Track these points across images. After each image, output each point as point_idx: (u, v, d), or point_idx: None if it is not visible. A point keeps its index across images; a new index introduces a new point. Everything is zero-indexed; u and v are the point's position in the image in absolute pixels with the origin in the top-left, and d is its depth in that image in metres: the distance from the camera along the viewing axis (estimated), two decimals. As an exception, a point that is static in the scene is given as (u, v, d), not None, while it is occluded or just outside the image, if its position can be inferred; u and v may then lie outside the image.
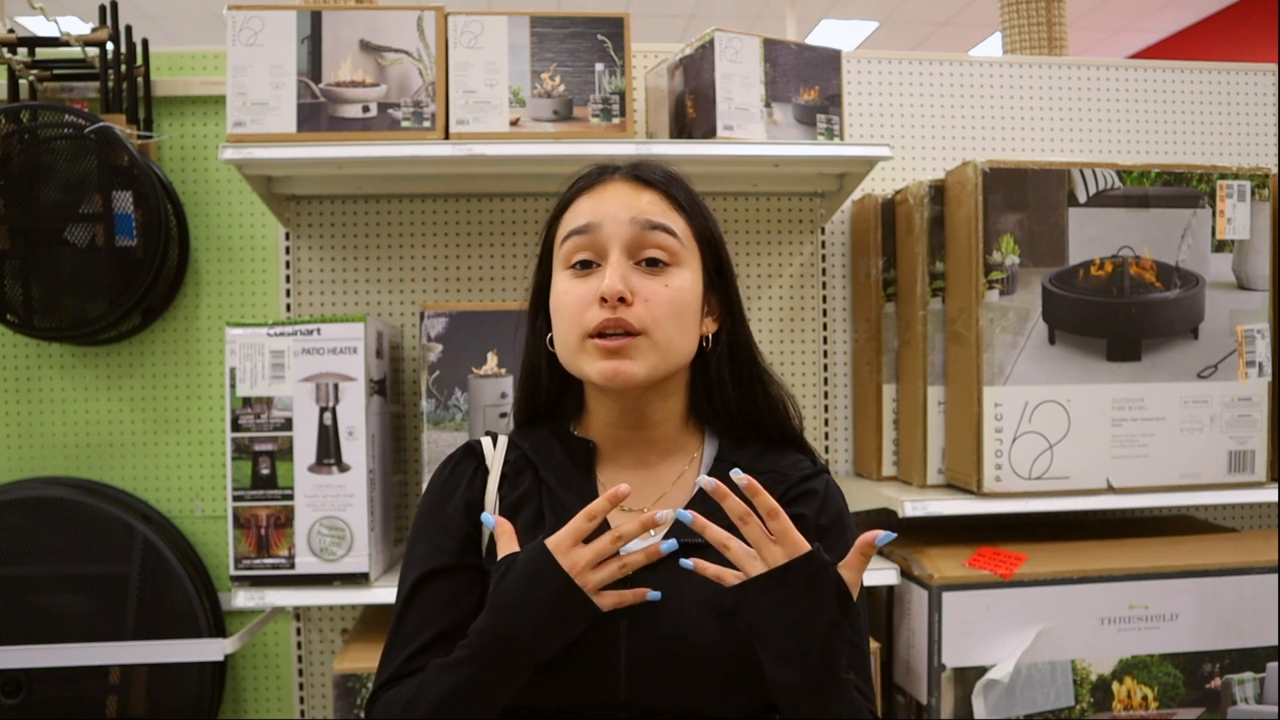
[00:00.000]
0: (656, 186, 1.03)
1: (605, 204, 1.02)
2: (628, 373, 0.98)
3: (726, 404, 1.07)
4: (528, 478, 1.06)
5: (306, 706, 2.03)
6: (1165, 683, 1.75)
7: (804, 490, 1.06)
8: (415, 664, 0.99)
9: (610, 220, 1.00)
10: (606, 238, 1.00)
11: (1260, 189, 1.84)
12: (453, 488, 1.07)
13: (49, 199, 1.82)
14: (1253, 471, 1.84)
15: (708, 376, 1.07)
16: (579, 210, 1.03)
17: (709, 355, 1.06)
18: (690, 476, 1.07)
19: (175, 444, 2.01)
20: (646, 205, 1.01)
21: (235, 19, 1.71)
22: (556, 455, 1.07)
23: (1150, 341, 1.79)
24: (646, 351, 0.98)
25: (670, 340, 1.00)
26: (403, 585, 1.04)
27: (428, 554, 1.03)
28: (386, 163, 1.76)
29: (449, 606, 1.01)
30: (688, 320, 1.02)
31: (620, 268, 0.98)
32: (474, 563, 1.03)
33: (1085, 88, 2.23)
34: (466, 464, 1.08)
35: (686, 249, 1.02)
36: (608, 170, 1.06)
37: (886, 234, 1.98)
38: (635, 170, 1.05)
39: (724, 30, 1.76)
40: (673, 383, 1.05)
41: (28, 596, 1.83)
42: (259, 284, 2.03)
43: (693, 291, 1.02)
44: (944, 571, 1.71)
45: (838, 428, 2.14)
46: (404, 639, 1.01)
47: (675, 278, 1.00)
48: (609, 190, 1.03)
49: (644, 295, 0.98)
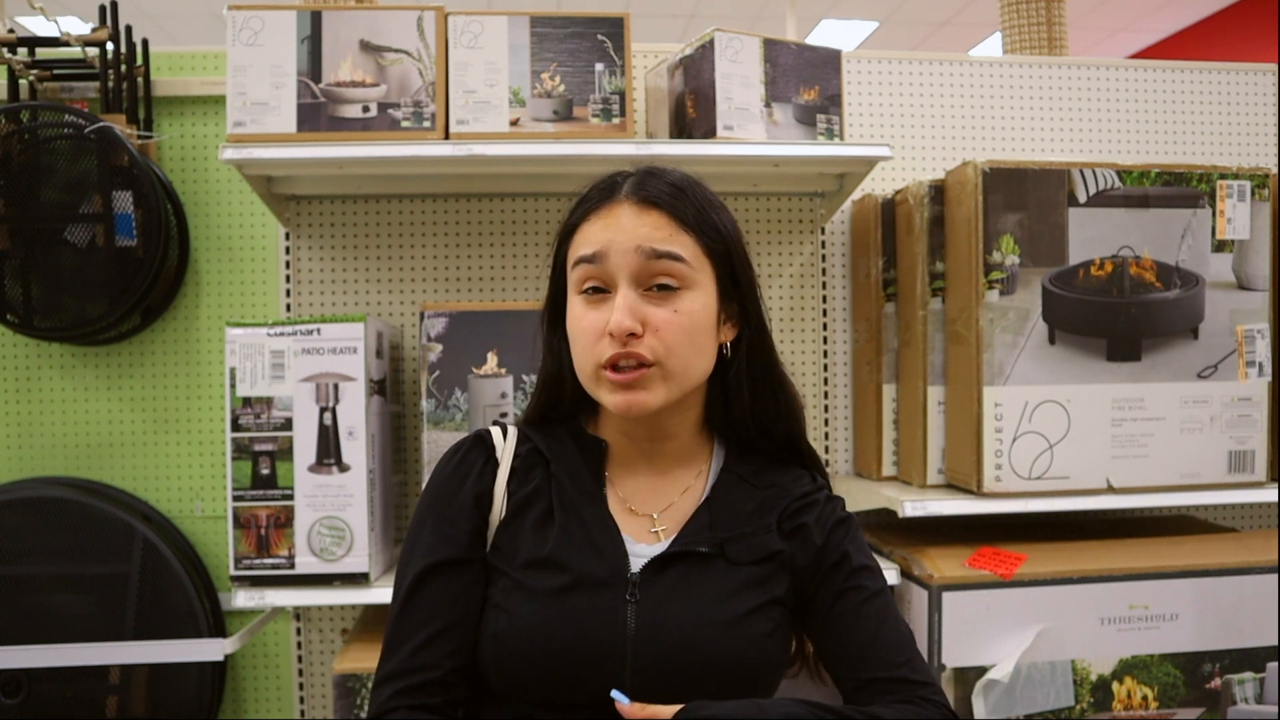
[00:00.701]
0: (663, 206, 1.01)
1: (611, 230, 1.00)
2: (641, 403, 0.99)
3: (741, 410, 1.08)
4: (538, 473, 1.06)
5: (306, 706, 2.03)
6: (1165, 683, 1.75)
7: (805, 503, 1.07)
8: (420, 659, 0.98)
9: (617, 251, 0.99)
10: (614, 269, 0.99)
11: (1260, 189, 1.84)
12: (461, 478, 1.06)
13: (49, 199, 1.82)
14: (1253, 471, 1.84)
15: (726, 384, 1.07)
16: (587, 236, 1.02)
17: (729, 363, 1.06)
18: (698, 487, 1.08)
19: (175, 444, 2.01)
20: (652, 231, 0.99)
21: (235, 19, 1.71)
22: (569, 452, 1.07)
23: (1150, 341, 1.79)
24: (660, 381, 0.99)
25: (685, 366, 1.00)
26: (405, 574, 1.03)
27: (434, 545, 1.03)
28: (386, 163, 1.76)
29: (455, 601, 1.01)
30: (702, 341, 1.01)
31: (628, 300, 0.98)
32: (480, 557, 1.03)
33: (1085, 88, 2.23)
34: (476, 454, 1.08)
35: (696, 269, 1.01)
36: (617, 185, 1.03)
37: (886, 234, 1.98)
38: (641, 189, 1.02)
39: (724, 30, 1.76)
40: (690, 397, 1.05)
41: (28, 596, 1.83)
42: (259, 284, 2.03)
43: (705, 311, 1.01)
44: (944, 571, 1.71)
45: (838, 428, 2.14)
46: (409, 630, 1.00)
47: (686, 301, 1.00)
48: (615, 215, 1.01)
49: (654, 325, 0.98)
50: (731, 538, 1.02)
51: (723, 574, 1.00)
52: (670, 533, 1.03)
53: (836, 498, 1.11)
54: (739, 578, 1.01)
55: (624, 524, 1.04)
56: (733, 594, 1.00)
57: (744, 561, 1.02)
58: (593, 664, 0.95)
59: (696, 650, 0.96)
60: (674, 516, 1.05)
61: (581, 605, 0.97)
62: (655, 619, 0.97)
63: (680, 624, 0.97)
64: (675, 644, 0.96)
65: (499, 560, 1.02)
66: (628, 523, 1.04)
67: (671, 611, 0.97)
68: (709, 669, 0.96)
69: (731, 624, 0.98)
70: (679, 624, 0.97)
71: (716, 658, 0.96)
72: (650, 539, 1.03)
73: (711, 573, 1.00)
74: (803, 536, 1.05)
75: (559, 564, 0.99)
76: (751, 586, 1.01)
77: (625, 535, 1.02)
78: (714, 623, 0.97)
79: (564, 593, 0.98)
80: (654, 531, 1.04)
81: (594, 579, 0.98)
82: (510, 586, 1.00)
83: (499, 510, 1.04)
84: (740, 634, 0.98)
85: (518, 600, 0.99)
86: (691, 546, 1.01)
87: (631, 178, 1.04)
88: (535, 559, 1.00)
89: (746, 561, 1.02)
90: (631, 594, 0.98)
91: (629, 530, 1.03)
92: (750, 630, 0.99)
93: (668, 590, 0.98)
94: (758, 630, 0.99)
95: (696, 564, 1.00)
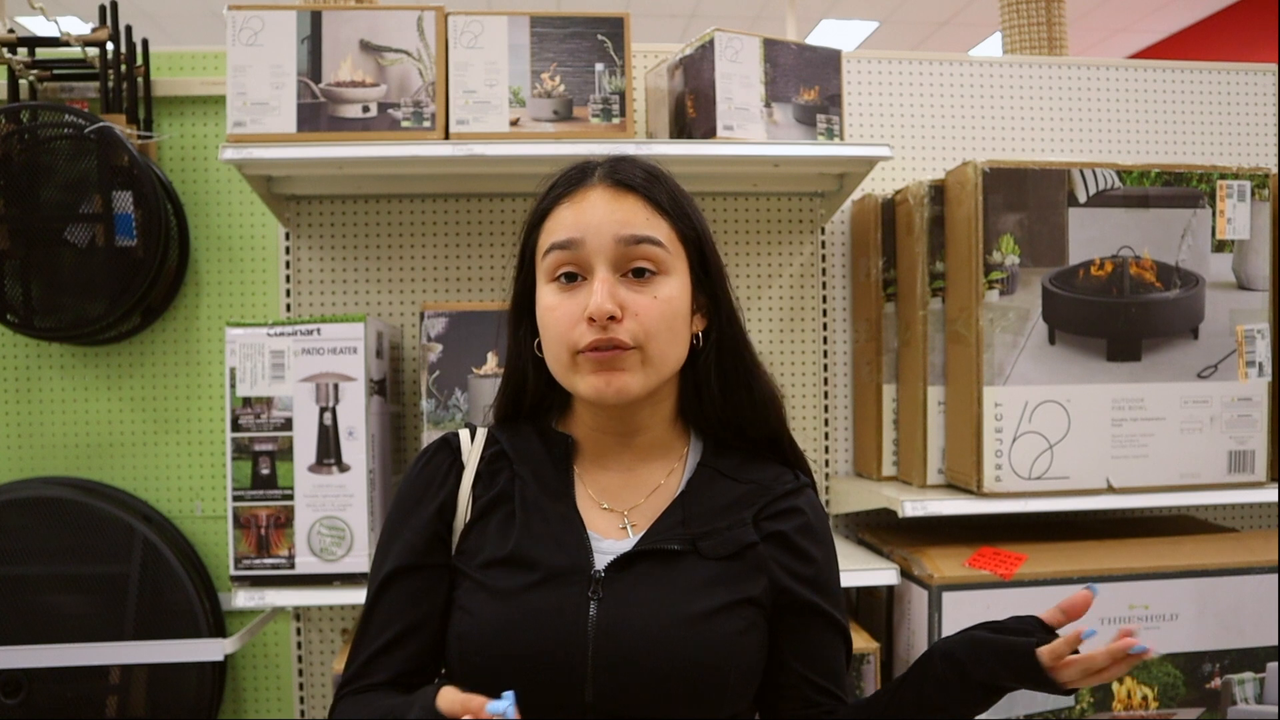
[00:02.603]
0: (638, 190, 1.00)
1: (587, 214, 0.98)
2: (622, 385, 0.96)
3: (712, 402, 1.05)
4: (504, 475, 1.05)
5: (306, 707, 2.03)
6: (1165, 683, 1.75)
7: (786, 507, 1.04)
8: (375, 665, 1.00)
9: (593, 234, 0.97)
10: (591, 253, 0.97)
11: (1260, 189, 1.84)
12: (425, 484, 1.06)
13: (49, 199, 1.82)
14: (1253, 471, 1.84)
15: (696, 376, 1.05)
16: (560, 220, 1.00)
17: (698, 353, 1.04)
18: (672, 483, 1.05)
19: (175, 444, 2.01)
20: (629, 215, 0.98)
21: (235, 19, 1.71)
22: (535, 450, 1.06)
23: (1150, 341, 1.79)
24: (640, 366, 0.97)
25: (663, 353, 0.98)
26: (373, 579, 1.04)
27: (397, 551, 1.03)
28: (386, 163, 1.76)
29: (414, 606, 1.01)
30: (679, 328, 1.00)
31: (607, 284, 0.96)
32: (442, 561, 1.03)
33: (1085, 88, 2.23)
34: (442, 458, 1.07)
35: (673, 255, 1.00)
36: (587, 172, 1.02)
37: (886, 234, 1.98)
38: (615, 174, 1.01)
39: (724, 30, 1.76)
40: (663, 388, 1.03)
41: (28, 596, 1.83)
42: (259, 284, 2.03)
43: (681, 299, 1.00)
44: (944, 571, 1.71)
45: (838, 428, 2.14)
46: (369, 638, 1.01)
47: (663, 287, 0.98)
48: (589, 199, 0.99)
49: (634, 310, 0.96)
50: (705, 533, 1.00)
51: (692, 569, 0.98)
52: (641, 529, 1.01)
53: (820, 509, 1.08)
54: (709, 573, 0.98)
55: (593, 521, 1.02)
56: (701, 589, 0.97)
57: (716, 557, 0.99)
58: (556, 661, 0.93)
59: (660, 648, 0.93)
60: (645, 513, 1.03)
61: (543, 602, 0.95)
62: (617, 616, 0.94)
63: (644, 621, 0.94)
64: (638, 642, 0.93)
65: (463, 563, 1.01)
66: (597, 519, 1.02)
67: (635, 608, 0.95)
68: (673, 669, 0.93)
69: (698, 620, 0.95)
70: (642, 620, 0.94)
71: (681, 656, 0.93)
72: (620, 535, 1.01)
73: (680, 568, 0.98)
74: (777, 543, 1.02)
75: (521, 561, 0.98)
76: (722, 583, 0.98)
77: (593, 532, 1.00)
78: (680, 619, 0.94)
79: (526, 591, 0.96)
80: (623, 528, 1.02)
81: (556, 576, 0.97)
82: (473, 587, 0.99)
83: (463, 514, 1.03)
84: (708, 632, 0.95)
85: (480, 600, 0.98)
86: (661, 544, 0.98)
87: (602, 164, 1.03)
88: (497, 558, 0.99)
89: (719, 557, 0.99)
90: (594, 591, 0.96)
91: (598, 527, 1.01)
92: (719, 628, 0.96)
93: (632, 586, 0.96)
94: (728, 629, 0.96)
95: (665, 561, 0.98)
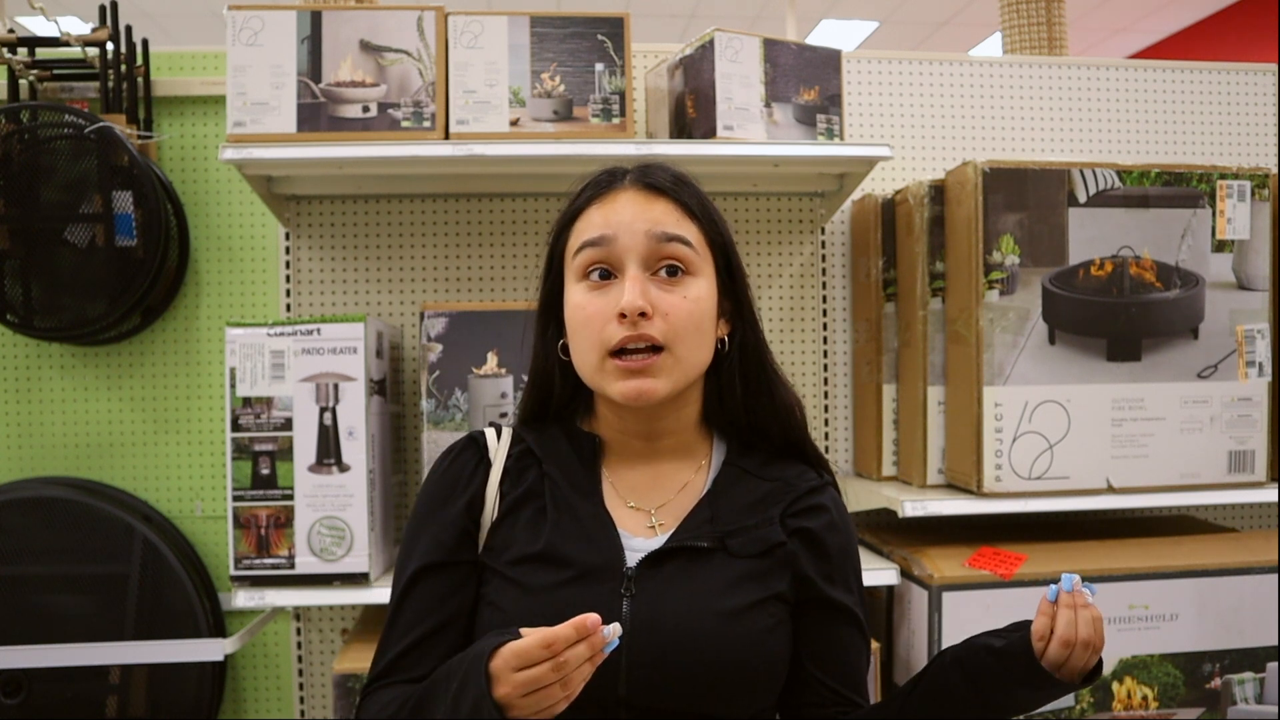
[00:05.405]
0: (668, 193, 1.02)
1: (618, 214, 1.01)
2: (650, 391, 0.98)
3: (735, 407, 1.07)
4: (532, 474, 1.06)
5: (306, 706, 2.03)
6: (1165, 683, 1.75)
7: (811, 504, 1.06)
8: (405, 662, 1.00)
9: (625, 232, 0.99)
10: (623, 250, 0.99)
11: (1260, 189, 1.84)
12: (453, 480, 1.06)
13: (49, 199, 1.82)
14: (1253, 471, 1.84)
15: (720, 380, 1.07)
16: (591, 220, 1.02)
17: (722, 358, 1.06)
18: (699, 482, 1.07)
19: (175, 444, 2.01)
20: (660, 215, 1.01)
21: (235, 19, 1.71)
22: (562, 450, 1.07)
23: (1150, 341, 1.79)
24: (669, 368, 0.99)
25: (691, 353, 1.00)
26: (400, 576, 1.04)
27: (425, 547, 1.03)
28: (386, 163, 1.76)
29: (442, 603, 1.01)
30: (706, 329, 1.02)
31: (639, 282, 0.98)
32: (469, 558, 1.03)
33: (1085, 88, 2.23)
34: (469, 456, 1.08)
35: (701, 257, 1.02)
36: (617, 176, 1.05)
37: (886, 234, 1.98)
38: (645, 176, 1.04)
39: (724, 30, 1.76)
40: (689, 392, 1.05)
41: (28, 596, 1.83)
42: (259, 284, 2.03)
43: (709, 300, 1.02)
44: (944, 571, 1.71)
45: (838, 428, 2.14)
46: (396, 635, 1.02)
47: (693, 288, 1.00)
48: (620, 199, 1.02)
49: (664, 309, 0.98)
50: (733, 531, 1.02)
51: (722, 567, 1.00)
52: (669, 527, 1.03)
53: (843, 510, 1.09)
54: (739, 570, 1.00)
55: (622, 520, 1.03)
56: (732, 587, 0.99)
57: (745, 555, 1.01)
58: None
59: (692, 644, 0.95)
60: (673, 511, 1.05)
61: (575, 599, 0.96)
62: (650, 613, 0.96)
63: (676, 617, 0.96)
64: (670, 638, 0.95)
65: (491, 559, 1.02)
66: (626, 518, 1.04)
67: (667, 605, 0.96)
68: (705, 664, 0.95)
69: (729, 617, 0.97)
70: (675, 617, 0.96)
71: (712, 652, 0.95)
72: (648, 533, 1.03)
73: (710, 566, 1.00)
74: (803, 541, 1.04)
75: (552, 559, 0.99)
76: (752, 580, 1.00)
77: (623, 530, 1.02)
78: (711, 615, 0.96)
79: (557, 588, 0.98)
80: (652, 526, 1.04)
81: (588, 573, 0.98)
82: (503, 583, 1.00)
83: (491, 511, 1.04)
84: (739, 628, 0.97)
85: (511, 596, 0.99)
86: (691, 541, 1.00)
87: (632, 169, 1.06)
88: (528, 554, 1.00)
89: (747, 555, 1.01)
90: (627, 588, 0.97)
91: (627, 526, 1.03)
92: (749, 625, 0.98)
93: (664, 584, 0.98)
94: (757, 625, 0.99)
95: (695, 558, 1.00)
